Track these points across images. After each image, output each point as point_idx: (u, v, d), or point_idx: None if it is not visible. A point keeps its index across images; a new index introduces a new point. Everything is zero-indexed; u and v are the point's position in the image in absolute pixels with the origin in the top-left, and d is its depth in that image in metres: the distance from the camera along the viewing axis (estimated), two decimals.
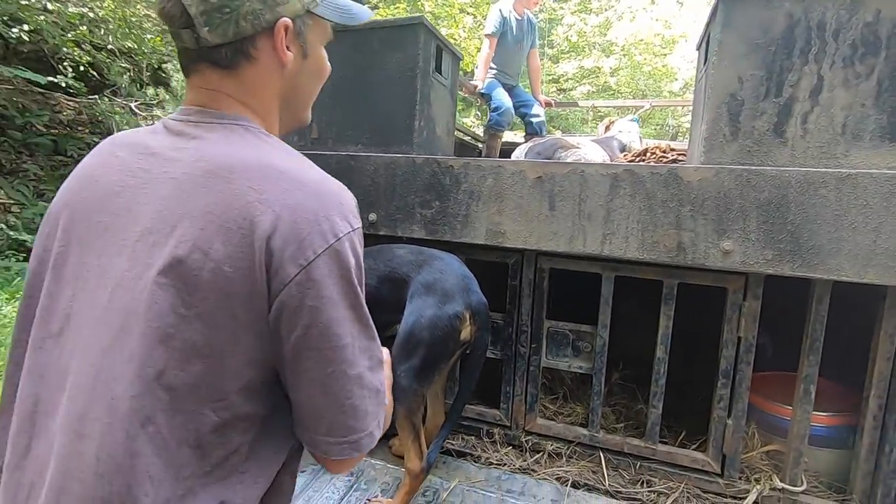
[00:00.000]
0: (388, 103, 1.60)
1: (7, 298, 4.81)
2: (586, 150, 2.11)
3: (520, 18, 2.79)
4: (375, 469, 1.38)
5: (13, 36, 6.40)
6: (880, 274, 1.05)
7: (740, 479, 1.28)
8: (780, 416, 1.32)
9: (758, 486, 1.24)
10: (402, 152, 1.57)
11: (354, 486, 1.31)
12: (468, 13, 10.81)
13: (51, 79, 6.53)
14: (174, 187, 0.56)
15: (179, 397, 0.52)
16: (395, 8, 10.71)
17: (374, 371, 0.61)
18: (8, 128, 6.94)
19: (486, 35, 2.76)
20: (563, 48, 19.70)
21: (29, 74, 6.22)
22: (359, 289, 0.59)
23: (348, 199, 0.60)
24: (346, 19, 0.72)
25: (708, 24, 1.41)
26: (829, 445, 1.29)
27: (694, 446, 1.37)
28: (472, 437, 1.50)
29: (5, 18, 6.31)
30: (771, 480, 1.25)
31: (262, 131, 0.64)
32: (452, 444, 1.48)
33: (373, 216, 1.47)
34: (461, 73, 2.26)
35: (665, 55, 19.15)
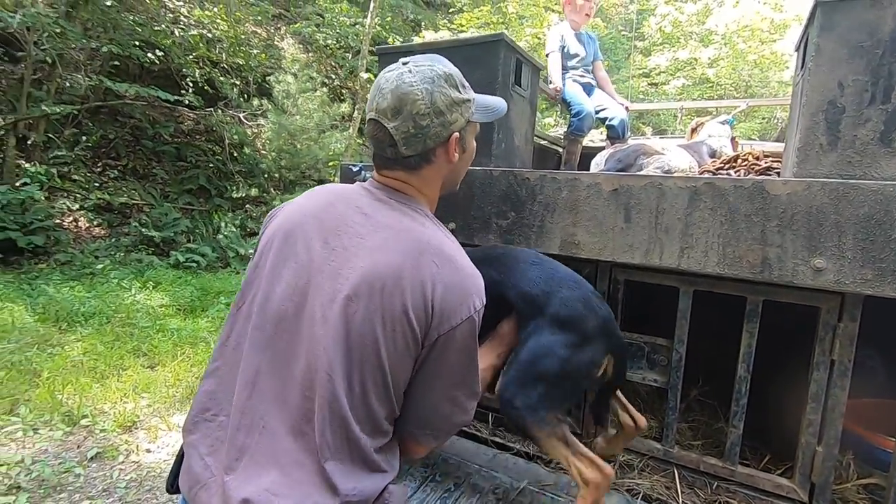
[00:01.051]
0: None
1: (140, 287, 5.58)
2: (671, 156, 2.04)
3: (577, 34, 2.90)
4: (448, 464, 1.47)
5: (148, 59, 7.38)
6: None
7: None
8: (883, 448, 1.22)
9: None
10: (481, 164, 1.64)
11: (430, 478, 1.41)
12: (554, 10, 10.65)
13: (176, 97, 7.44)
14: (382, 244, 0.82)
15: (369, 390, 0.79)
16: (480, 10, 10.83)
17: (468, 398, 0.89)
18: (142, 138, 8.00)
19: (547, 54, 2.90)
20: (656, 40, 18.66)
21: (160, 92, 7.15)
22: (477, 344, 0.86)
23: (481, 283, 0.87)
24: (492, 116, 1.01)
25: (806, 27, 1.33)
26: None
27: (779, 472, 1.30)
28: None
29: (139, 44, 7.29)
30: None
31: (429, 215, 0.92)
32: (523, 447, 1.53)
33: (452, 224, 1.55)
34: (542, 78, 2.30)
35: (774, 41, 17.42)
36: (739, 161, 1.80)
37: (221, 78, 9.05)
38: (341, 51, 11.86)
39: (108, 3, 6.82)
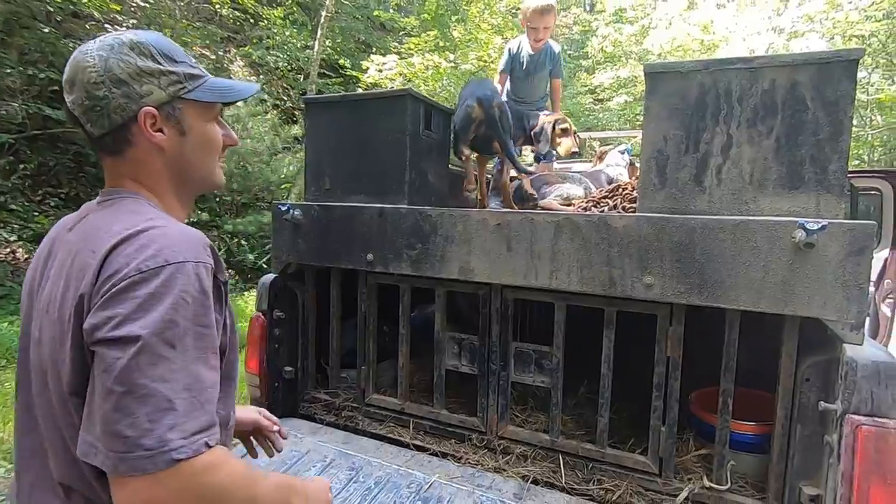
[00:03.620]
0: (384, 160, 1.92)
1: None
2: (569, 185, 2.36)
3: (533, 53, 2.98)
4: (371, 465, 1.67)
5: None
6: (770, 304, 1.26)
7: (675, 478, 1.48)
8: (712, 425, 1.52)
9: (689, 485, 1.44)
10: (396, 201, 1.88)
11: (354, 479, 1.61)
12: (503, 36, 11.15)
13: None
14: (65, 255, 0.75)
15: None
16: (428, 34, 11.21)
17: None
18: (84, 164, 7.83)
19: (498, 73, 3.11)
20: (599, 59, 19.67)
21: None
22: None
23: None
24: (229, 97, 0.87)
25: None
26: (753, 451, 1.47)
27: (638, 451, 1.58)
28: (455, 441, 1.77)
29: None
30: (701, 480, 1.45)
31: (143, 199, 0.80)
32: (438, 447, 1.76)
33: (370, 256, 1.78)
34: None
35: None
36: (620, 191, 2.12)
37: None
38: (293, 73, 11.97)
39: (47, 30, 6.74)
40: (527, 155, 3.57)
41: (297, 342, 2.06)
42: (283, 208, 1.89)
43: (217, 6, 9.93)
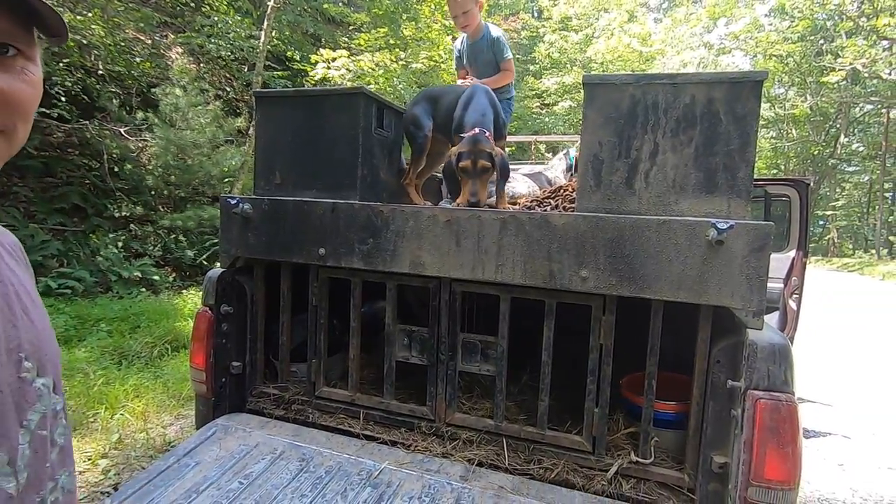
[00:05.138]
0: (337, 156, 1.95)
1: None
2: (515, 184, 2.48)
3: (473, 41, 2.97)
4: (322, 455, 1.70)
5: None
6: (688, 295, 1.41)
7: (607, 455, 1.62)
8: (639, 406, 1.67)
9: (619, 461, 1.58)
10: (348, 196, 1.92)
11: (304, 469, 1.64)
12: (454, 36, 11.30)
13: (43, 108, 6.84)
14: None
15: None
16: (378, 31, 11.15)
17: None
18: None
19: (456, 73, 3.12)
20: (546, 64, 20.30)
21: None
22: None
23: None
24: None
25: None
26: (675, 428, 1.64)
27: (575, 431, 1.71)
28: (404, 430, 1.84)
29: None
30: (629, 456, 1.60)
31: None
32: (388, 436, 1.81)
33: (322, 250, 1.81)
34: None
35: (644, 70, 19.80)
36: (562, 191, 2.26)
37: (97, 86, 8.44)
38: (236, 63, 11.53)
39: None
40: None
41: (244, 337, 2.05)
42: (233, 202, 1.88)
43: None
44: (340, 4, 13.47)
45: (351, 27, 13.00)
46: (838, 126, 27.67)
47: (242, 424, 1.87)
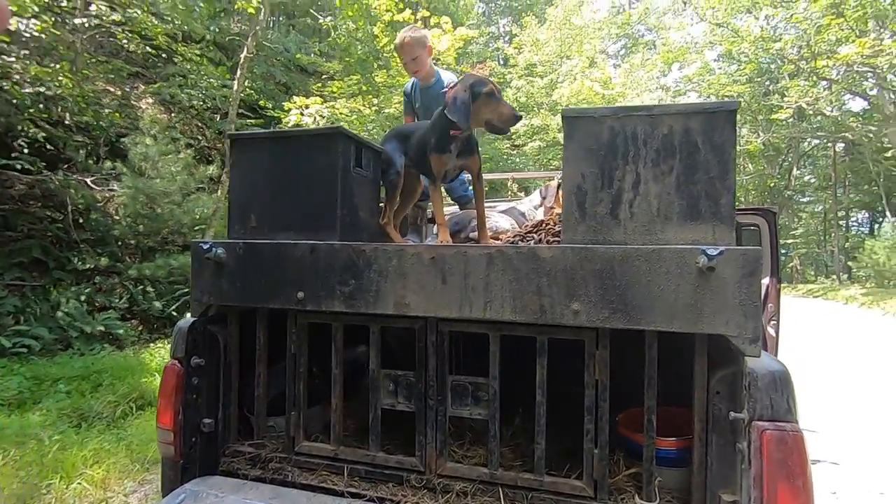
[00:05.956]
0: (315, 197, 1.89)
1: None
2: (496, 219, 2.46)
3: (425, 87, 3.00)
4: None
5: None
6: (682, 325, 1.38)
7: (610, 499, 1.53)
8: (640, 444, 1.60)
9: None
10: (328, 238, 1.85)
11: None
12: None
13: (5, 160, 6.64)
14: None
15: None
16: (350, 78, 11.40)
17: None
18: None
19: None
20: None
21: None
22: None
23: None
24: None
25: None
26: (677, 465, 1.57)
27: (574, 475, 1.62)
28: (393, 484, 1.71)
29: None
30: (633, 499, 1.51)
31: None
32: (375, 493, 1.68)
33: (301, 294, 1.72)
34: None
35: None
36: (543, 225, 2.25)
37: (64, 136, 8.28)
38: (208, 112, 11.56)
39: None
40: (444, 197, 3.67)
41: (217, 391, 1.91)
42: (205, 247, 1.79)
43: (124, 41, 9.45)
44: (312, 54, 13.80)
45: (324, 76, 13.28)
46: (790, 160, 29.35)
47: (215, 489, 1.71)
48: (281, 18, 17.13)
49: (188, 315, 1.88)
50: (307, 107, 9.10)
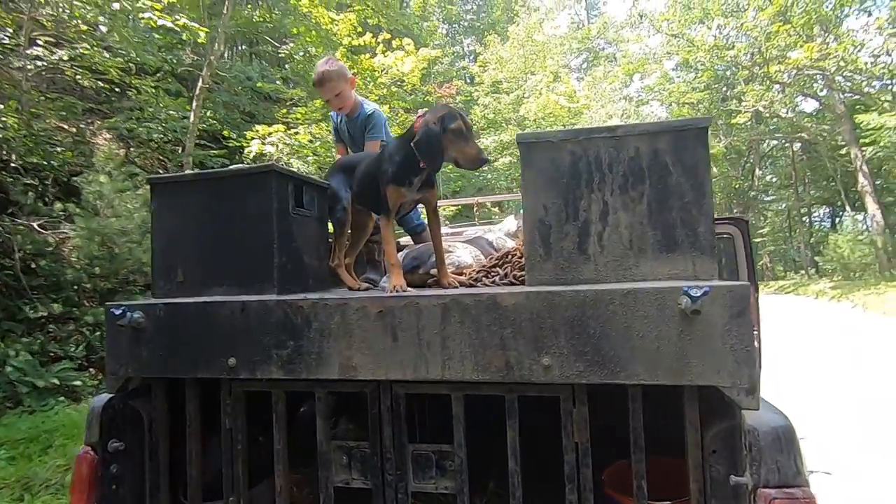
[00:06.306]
0: (248, 245, 1.67)
1: None
2: (459, 253, 2.27)
3: (350, 119, 2.83)
4: None
5: None
6: (668, 376, 1.20)
7: None
8: None
9: None
10: (265, 289, 1.63)
11: None
12: (390, 105, 11.50)
13: None
14: None
15: None
16: (314, 104, 11.21)
17: None
18: None
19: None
20: (483, 125, 21.25)
21: None
22: None
23: None
24: None
25: None
26: None
27: None
28: None
29: None
30: None
31: None
32: None
33: (232, 360, 1.48)
34: None
35: (574, 124, 21.19)
36: (508, 257, 2.06)
37: (11, 180, 7.83)
38: (169, 144, 11.19)
39: None
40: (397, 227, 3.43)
41: (143, 477, 1.64)
42: (118, 312, 1.54)
43: (76, 77, 9.10)
44: (276, 82, 13.59)
45: (288, 102, 13.06)
46: (752, 161, 30.28)
47: None
48: (242, 47, 16.93)
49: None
50: (269, 135, 8.86)
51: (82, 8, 8.45)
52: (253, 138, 9.03)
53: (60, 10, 8.34)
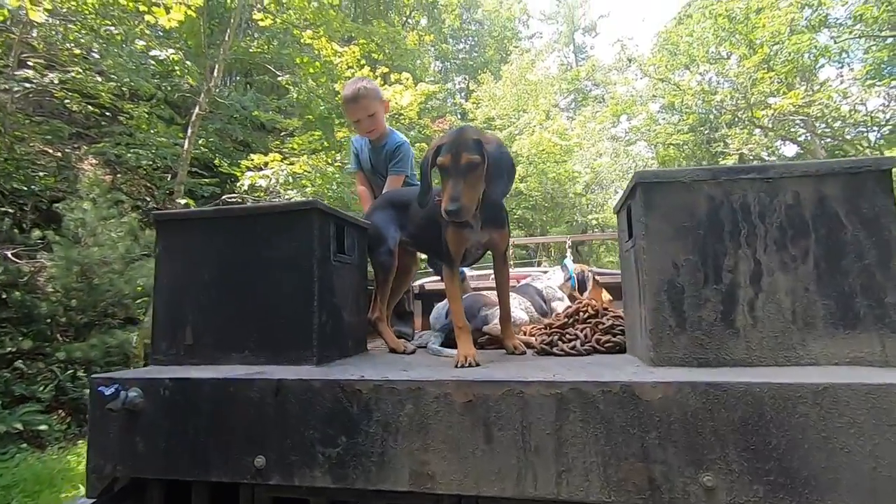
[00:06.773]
0: (280, 299, 1.32)
1: None
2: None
3: (374, 147, 2.51)
4: None
5: None
6: None
7: None
8: None
9: None
10: (299, 360, 1.27)
11: None
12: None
13: None
14: None
15: None
16: (312, 134, 11.00)
17: None
18: None
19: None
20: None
21: None
22: None
23: None
24: None
25: (627, 197, 1.33)
26: None
27: None
28: None
29: None
30: None
31: None
32: None
33: (260, 460, 1.11)
34: None
35: (565, 161, 21.45)
36: (579, 314, 1.73)
37: None
38: (158, 171, 10.80)
39: None
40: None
41: None
42: (108, 392, 1.16)
43: (65, 101, 8.77)
44: (271, 112, 13.40)
45: (283, 132, 12.83)
46: None
47: None
48: (237, 77, 16.83)
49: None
50: (265, 164, 8.55)
51: (76, 32, 8.22)
52: (248, 168, 8.71)
53: (53, 33, 8.09)
